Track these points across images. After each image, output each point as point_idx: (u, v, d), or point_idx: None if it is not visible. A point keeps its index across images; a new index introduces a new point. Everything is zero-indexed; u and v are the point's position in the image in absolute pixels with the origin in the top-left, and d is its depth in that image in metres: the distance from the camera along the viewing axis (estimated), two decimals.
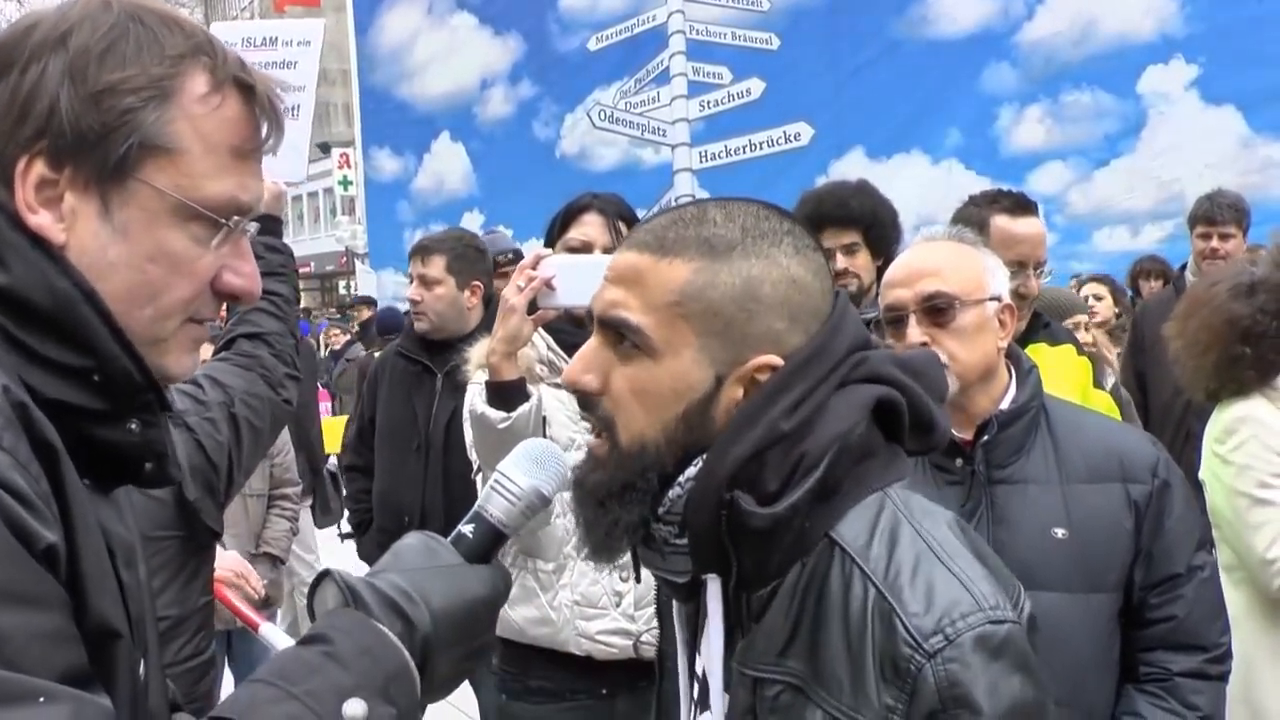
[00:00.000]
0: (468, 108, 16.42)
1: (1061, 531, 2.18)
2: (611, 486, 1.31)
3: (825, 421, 1.27)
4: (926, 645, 1.17)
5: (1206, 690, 2.25)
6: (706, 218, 1.33)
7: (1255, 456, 3.06)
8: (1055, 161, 10.13)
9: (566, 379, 1.37)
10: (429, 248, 4.38)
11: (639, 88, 13.13)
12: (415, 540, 1.29)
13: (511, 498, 1.32)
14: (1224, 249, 5.52)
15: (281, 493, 4.95)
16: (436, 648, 1.18)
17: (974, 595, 1.21)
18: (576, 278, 2.62)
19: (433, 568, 1.24)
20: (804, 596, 1.27)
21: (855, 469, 1.29)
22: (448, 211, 16.03)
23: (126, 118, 1.14)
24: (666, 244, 1.32)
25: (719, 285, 1.29)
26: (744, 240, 1.31)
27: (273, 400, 2.75)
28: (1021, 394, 2.26)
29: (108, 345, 1.14)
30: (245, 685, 1.09)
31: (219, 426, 2.65)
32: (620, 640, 2.86)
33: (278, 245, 2.85)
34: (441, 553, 1.27)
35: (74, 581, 1.07)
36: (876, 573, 1.23)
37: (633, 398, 1.31)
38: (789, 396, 1.27)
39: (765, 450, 1.26)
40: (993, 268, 2.27)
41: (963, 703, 1.16)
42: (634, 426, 1.31)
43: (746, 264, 1.30)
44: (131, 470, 1.24)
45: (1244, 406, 3.15)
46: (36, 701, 0.93)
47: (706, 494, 1.27)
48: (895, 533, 1.27)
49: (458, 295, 4.32)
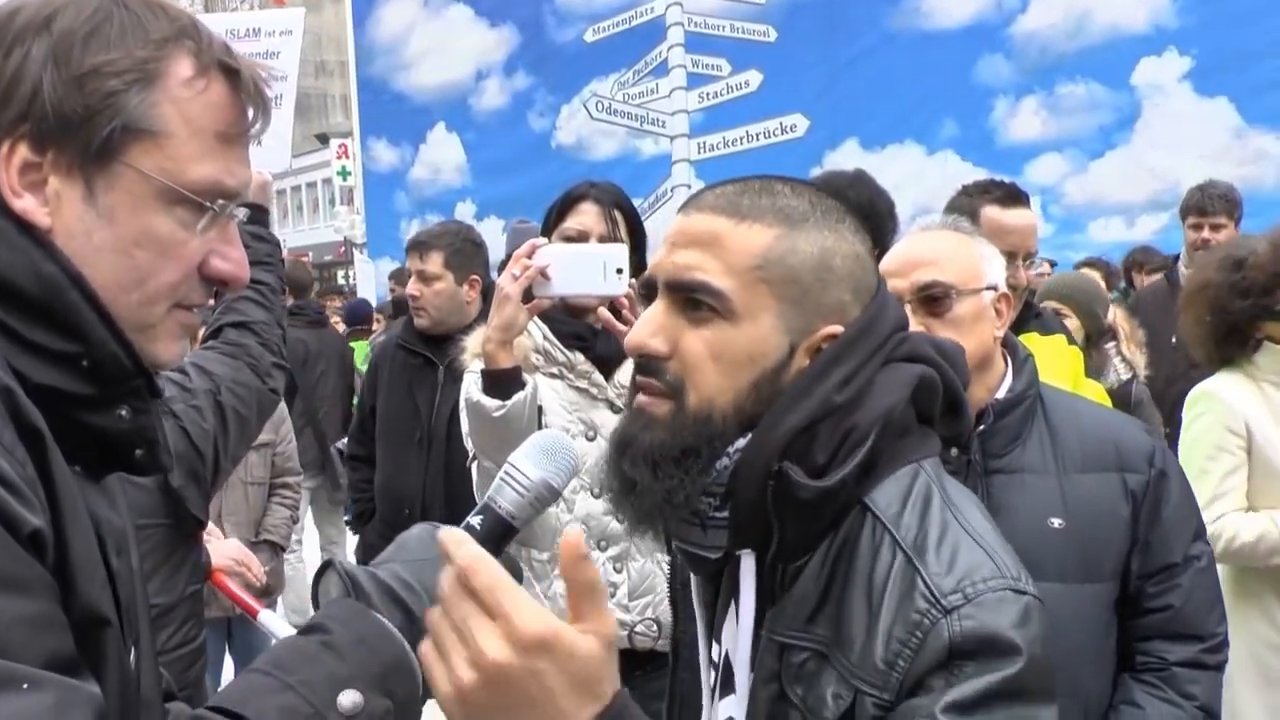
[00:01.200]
0: (463, 98, 16.40)
1: (1058, 521, 2.18)
2: (671, 449, 1.31)
3: (874, 396, 1.29)
4: (944, 601, 1.19)
5: (1203, 679, 2.25)
6: (774, 189, 1.36)
7: (1207, 430, 3.21)
8: (1051, 153, 10.12)
9: (631, 342, 1.36)
10: (426, 243, 4.38)
11: (637, 79, 13.12)
12: (421, 531, 1.29)
13: (521, 489, 1.31)
14: (1215, 239, 5.57)
15: (283, 481, 4.96)
16: None
17: (997, 564, 1.22)
18: (572, 267, 2.61)
19: (437, 559, 1.23)
20: (835, 563, 1.28)
21: (895, 443, 1.31)
22: (442, 202, 16.02)
23: (110, 101, 1.14)
24: (743, 209, 1.33)
25: (799, 252, 1.31)
26: (814, 213, 1.34)
27: (259, 389, 2.75)
28: (1018, 383, 2.26)
29: (96, 330, 1.14)
30: (243, 675, 1.10)
31: (205, 414, 2.65)
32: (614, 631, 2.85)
33: (265, 235, 2.85)
34: None
35: (61, 568, 1.06)
36: (905, 539, 1.25)
37: (710, 361, 1.31)
38: (843, 369, 1.29)
39: (818, 422, 1.27)
40: (989, 257, 2.27)
41: (988, 643, 1.15)
42: (706, 390, 1.31)
43: (820, 235, 1.33)
44: (122, 457, 1.24)
45: (1213, 381, 3.30)
46: (20, 688, 0.93)
47: (756, 464, 1.27)
48: (928, 503, 1.28)
49: (456, 290, 4.33)
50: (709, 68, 12.56)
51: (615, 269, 2.59)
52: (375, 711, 1.08)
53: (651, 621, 2.87)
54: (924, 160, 10.88)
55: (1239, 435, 3.25)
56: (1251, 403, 3.28)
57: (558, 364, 2.87)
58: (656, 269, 1.37)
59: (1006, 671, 1.16)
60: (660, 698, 2.87)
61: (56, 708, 0.94)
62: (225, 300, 2.80)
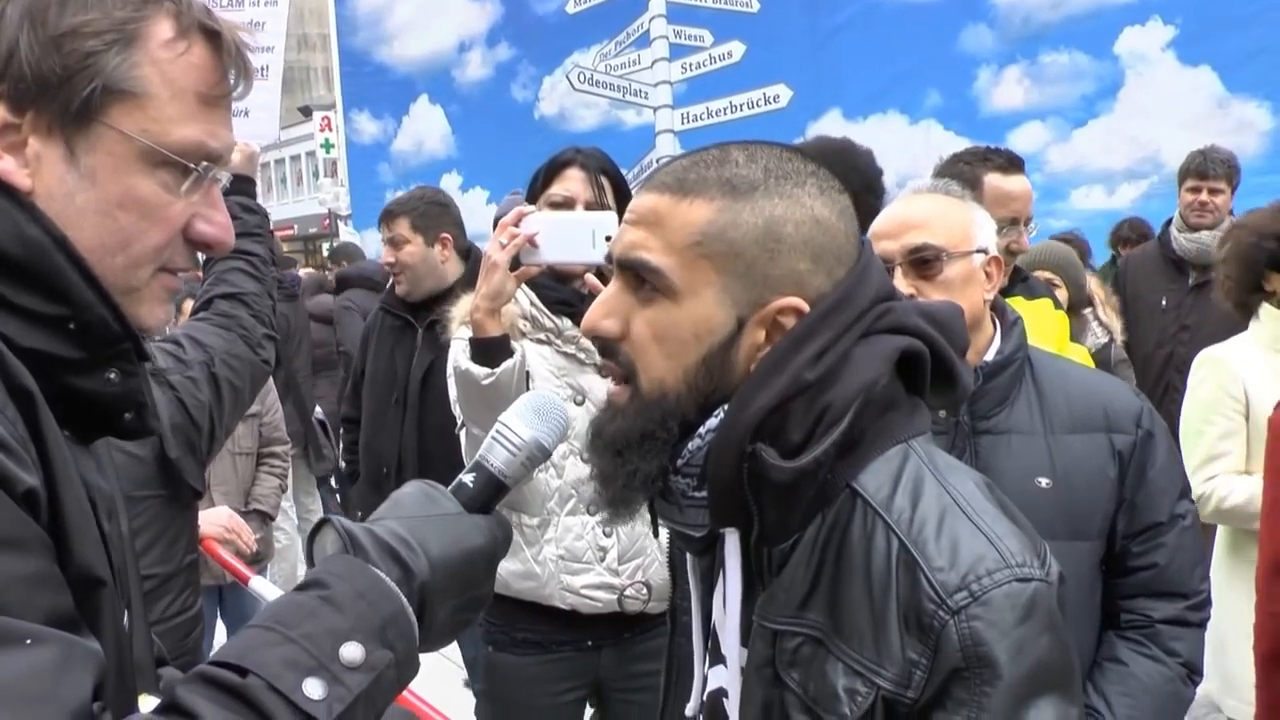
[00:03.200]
0: (446, 70, 16.33)
1: (1045, 481, 2.19)
2: (630, 436, 1.29)
3: (850, 371, 1.24)
4: (950, 601, 1.15)
5: (1186, 637, 2.28)
6: (729, 159, 1.31)
7: (1208, 394, 3.28)
8: (1033, 122, 10.12)
9: (586, 324, 1.35)
10: (392, 211, 4.49)
11: (619, 50, 13.06)
12: (415, 489, 1.28)
13: (513, 448, 1.32)
14: (1212, 203, 5.58)
15: (270, 450, 4.99)
16: (434, 595, 1.18)
17: (1000, 552, 1.19)
18: (559, 234, 2.61)
19: (432, 516, 1.24)
20: (825, 548, 1.25)
21: (878, 421, 1.27)
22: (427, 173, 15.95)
23: (89, 61, 1.13)
24: (687, 184, 1.30)
25: (741, 225, 1.27)
26: (766, 180, 1.29)
27: (252, 361, 2.75)
28: (1006, 346, 2.26)
29: (82, 293, 1.14)
30: (242, 630, 1.09)
31: (200, 386, 2.65)
32: (604, 594, 2.88)
33: (253, 206, 2.85)
34: (441, 501, 1.27)
35: (56, 528, 1.06)
36: (900, 525, 1.21)
37: (653, 342, 1.29)
38: (813, 345, 1.25)
39: (789, 400, 1.23)
40: (979, 220, 2.27)
41: (985, 662, 1.13)
42: (655, 372, 1.29)
43: (769, 204, 1.28)
44: (111, 421, 1.23)
45: (1218, 347, 3.38)
46: (23, 644, 0.93)
47: (728, 445, 1.24)
48: (919, 485, 1.25)
49: (428, 251, 4.40)
50: (691, 38, 12.51)
51: (604, 236, 2.59)
52: (377, 664, 1.07)
53: (641, 585, 2.89)
54: (907, 130, 10.87)
55: (1237, 400, 3.29)
56: (1253, 368, 3.32)
57: (545, 330, 2.87)
58: (611, 248, 1.35)
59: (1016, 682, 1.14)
60: (649, 658, 2.93)
61: (60, 663, 0.94)
62: (215, 272, 2.80)
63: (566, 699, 2.99)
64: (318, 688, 1.02)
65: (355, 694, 1.04)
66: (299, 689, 1.01)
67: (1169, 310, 5.66)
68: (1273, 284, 3.35)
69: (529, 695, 2.97)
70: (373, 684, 1.06)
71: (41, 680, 0.92)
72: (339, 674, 1.04)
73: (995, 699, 1.13)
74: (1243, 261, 3.38)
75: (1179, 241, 5.70)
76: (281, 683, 1.01)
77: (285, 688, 1.01)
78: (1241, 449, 3.31)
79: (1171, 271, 5.75)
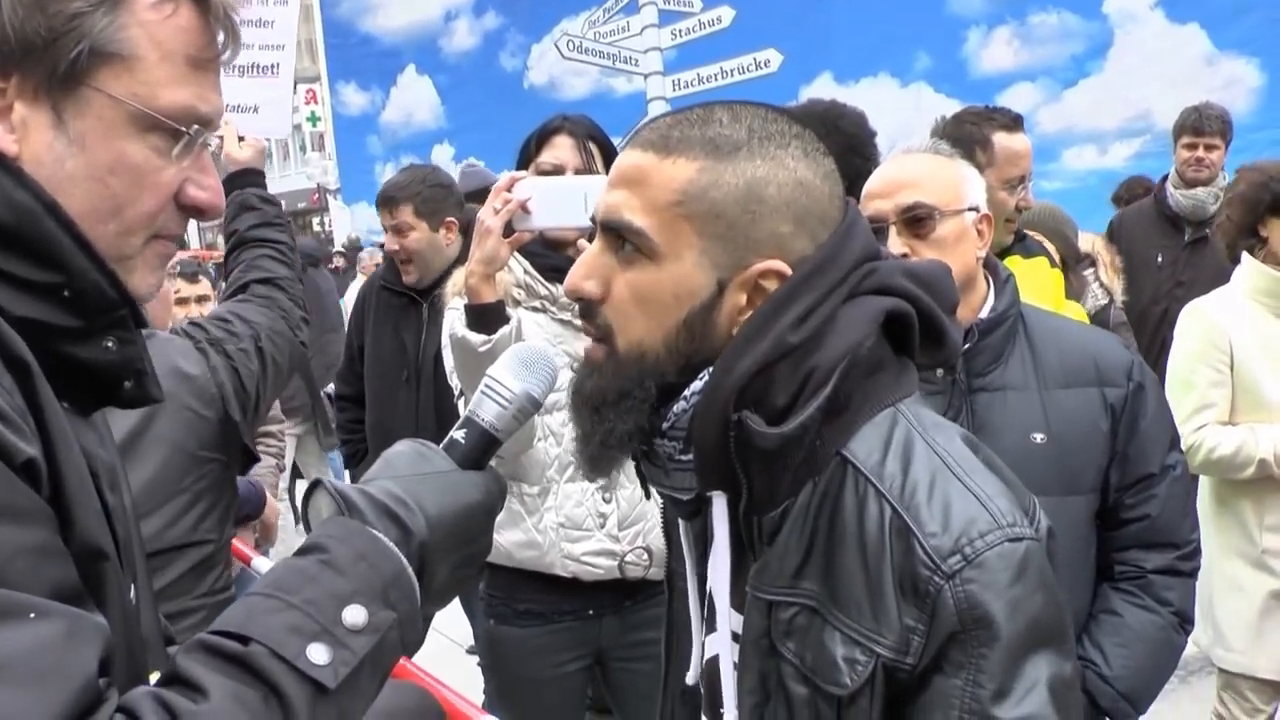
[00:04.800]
0: (433, 40, 16.22)
1: (1040, 436, 2.21)
2: (608, 394, 1.29)
3: (834, 334, 1.23)
4: (945, 566, 1.15)
5: (1177, 586, 2.31)
6: (712, 118, 1.29)
7: (1194, 346, 3.34)
8: (1024, 83, 10.11)
9: (568, 286, 1.33)
10: (394, 197, 4.34)
11: (608, 17, 12.95)
12: (406, 447, 1.27)
13: (503, 402, 1.32)
14: (1208, 159, 5.60)
15: (267, 430, 4.97)
16: (433, 553, 1.17)
17: (991, 513, 1.18)
18: (552, 200, 2.61)
19: (426, 474, 1.23)
20: (817, 516, 1.24)
21: (865, 383, 1.26)
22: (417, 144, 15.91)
23: (75, 23, 1.10)
24: (670, 143, 1.28)
25: (722, 185, 1.25)
26: (750, 141, 1.27)
27: (291, 340, 2.85)
28: (1000, 303, 2.27)
29: (76, 260, 1.11)
30: (242, 599, 1.07)
31: (250, 357, 2.74)
32: (605, 561, 2.89)
33: (269, 197, 2.94)
34: (434, 459, 1.26)
35: (57, 500, 1.04)
36: (892, 491, 1.21)
37: (633, 303, 1.27)
38: (797, 307, 1.23)
39: (773, 364, 1.22)
40: (970, 178, 2.28)
41: (982, 623, 1.14)
42: (633, 333, 1.28)
43: (751, 165, 1.26)
44: (111, 390, 1.21)
45: (1203, 299, 3.43)
46: (27, 617, 0.91)
47: (712, 409, 1.23)
48: (909, 449, 1.24)
49: (434, 237, 4.32)
50: (680, 4, 12.41)
51: (595, 199, 2.59)
52: (381, 625, 1.06)
53: (642, 550, 2.90)
54: (898, 92, 10.86)
55: (1223, 351, 3.32)
56: (1237, 321, 3.35)
57: (539, 298, 2.88)
58: (594, 209, 1.34)
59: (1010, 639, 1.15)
60: (650, 626, 2.94)
61: (65, 637, 0.92)
62: (246, 259, 2.87)
63: (570, 669, 3.00)
64: (322, 653, 1.01)
65: (360, 657, 1.03)
66: (303, 655, 1.00)
67: (1164, 267, 5.68)
68: (1268, 229, 3.37)
69: (533, 667, 2.98)
70: (377, 646, 1.06)
71: (46, 655, 0.90)
72: (343, 638, 1.03)
73: (992, 659, 1.13)
74: (1246, 202, 3.41)
75: (1175, 198, 5.71)
76: (285, 649, 1.00)
77: (289, 654, 1.00)
78: (1226, 400, 3.34)
79: (1167, 228, 5.77)
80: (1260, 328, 3.34)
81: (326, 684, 1.00)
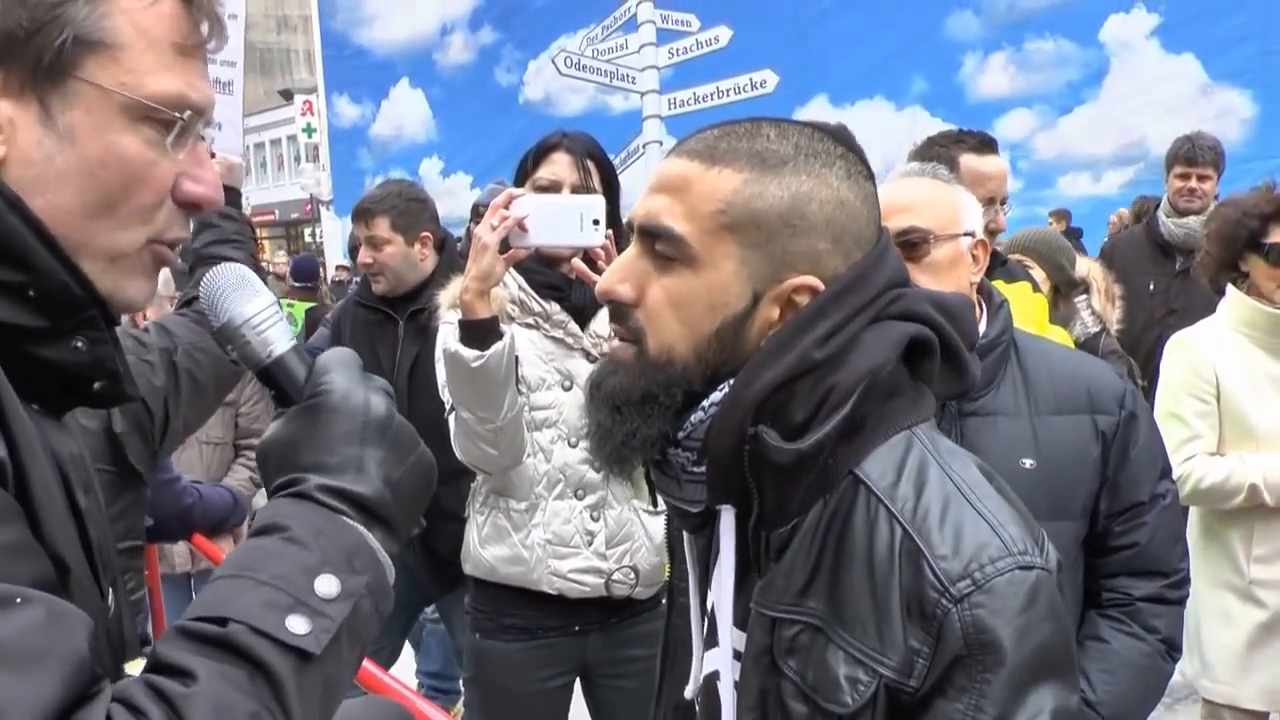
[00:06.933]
0: (428, 54, 16.26)
1: (1030, 462, 2.20)
2: (631, 394, 1.29)
3: (857, 354, 1.24)
4: (954, 589, 1.14)
5: (1165, 614, 2.30)
6: (760, 133, 1.30)
7: (1181, 376, 3.34)
8: (1020, 109, 10.19)
9: (601, 288, 1.33)
10: (369, 210, 4.30)
11: (606, 35, 13.02)
12: (275, 428, 1.20)
13: (272, 320, 1.24)
14: (1200, 189, 5.64)
15: (248, 442, 4.93)
16: (369, 489, 1.13)
17: (1003, 539, 1.18)
18: (549, 218, 2.62)
19: (304, 435, 1.16)
20: (825, 535, 1.24)
21: (882, 406, 1.26)
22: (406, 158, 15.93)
23: (56, 12, 1.08)
24: (718, 153, 1.29)
25: (766, 198, 1.26)
26: (796, 157, 1.28)
27: (218, 357, 2.77)
28: (992, 328, 2.27)
29: (40, 258, 1.07)
30: (209, 585, 1.05)
31: (156, 371, 2.67)
32: (592, 579, 2.88)
33: (234, 214, 2.89)
34: (305, 415, 1.18)
35: (24, 504, 1.01)
36: (904, 513, 1.20)
37: (668, 309, 1.28)
38: (824, 324, 1.24)
39: (796, 379, 1.23)
40: (966, 203, 2.29)
41: (989, 648, 1.13)
42: (665, 338, 1.28)
43: (796, 180, 1.27)
44: (81, 391, 1.18)
45: (1189, 330, 3.44)
46: (13, 603, 0.90)
47: (731, 420, 1.24)
48: (923, 472, 1.24)
49: (409, 251, 4.28)
50: (678, 23, 12.48)
51: (592, 220, 2.60)
52: (353, 590, 1.05)
53: (629, 570, 2.89)
54: (893, 116, 10.93)
55: (1208, 382, 3.33)
56: (1223, 352, 3.36)
57: (533, 314, 2.87)
58: (633, 214, 1.35)
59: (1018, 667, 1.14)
60: (636, 643, 2.94)
61: (55, 618, 0.92)
62: (198, 276, 2.83)
63: (554, 684, 2.99)
64: (301, 623, 1.00)
65: (339, 623, 1.03)
66: (283, 627, 0.99)
67: (1156, 294, 5.71)
68: (1248, 264, 3.39)
69: (516, 681, 2.97)
70: (352, 613, 1.05)
71: (37, 636, 0.89)
72: (319, 607, 1.02)
73: (996, 685, 1.13)
74: (1223, 239, 3.43)
75: (1167, 227, 5.74)
76: (264, 624, 0.99)
77: (269, 628, 0.99)
78: (1214, 431, 3.35)
79: (1159, 256, 5.80)
80: (1246, 358, 3.35)
81: (311, 650, 1.00)
